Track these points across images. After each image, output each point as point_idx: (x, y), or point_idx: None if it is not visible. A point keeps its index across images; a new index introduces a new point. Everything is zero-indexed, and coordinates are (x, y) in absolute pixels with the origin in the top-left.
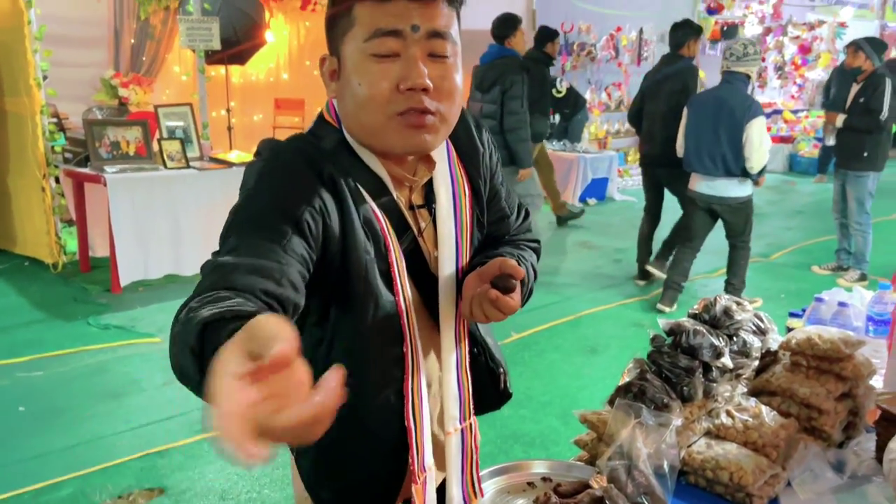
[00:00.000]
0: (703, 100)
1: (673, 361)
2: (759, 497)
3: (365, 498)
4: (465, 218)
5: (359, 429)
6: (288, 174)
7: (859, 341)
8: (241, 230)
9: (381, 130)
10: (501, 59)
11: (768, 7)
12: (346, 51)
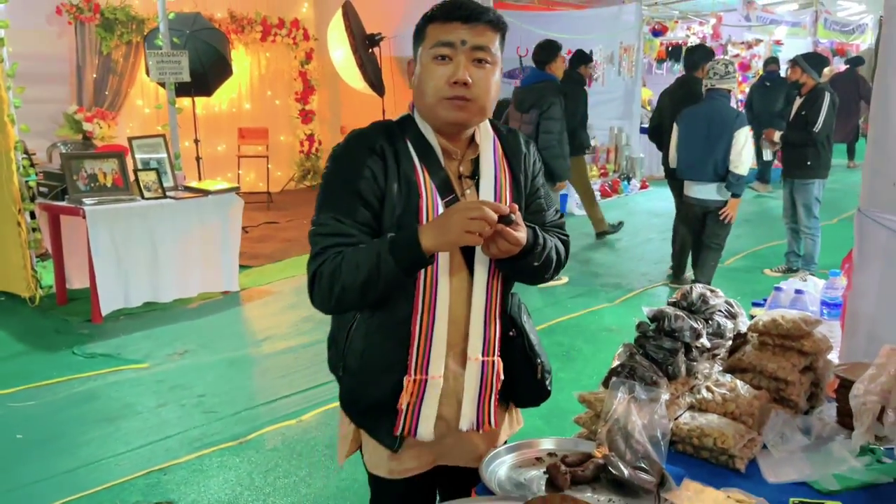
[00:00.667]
0: (693, 115)
1: (658, 344)
2: (741, 458)
3: (384, 409)
4: (505, 194)
5: (382, 336)
6: (347, 156)
7: (817, 320)
8: (328, 207)
9: (436, 107)
10: (540, 83)
11: (708, 28)
12: (420, 55)
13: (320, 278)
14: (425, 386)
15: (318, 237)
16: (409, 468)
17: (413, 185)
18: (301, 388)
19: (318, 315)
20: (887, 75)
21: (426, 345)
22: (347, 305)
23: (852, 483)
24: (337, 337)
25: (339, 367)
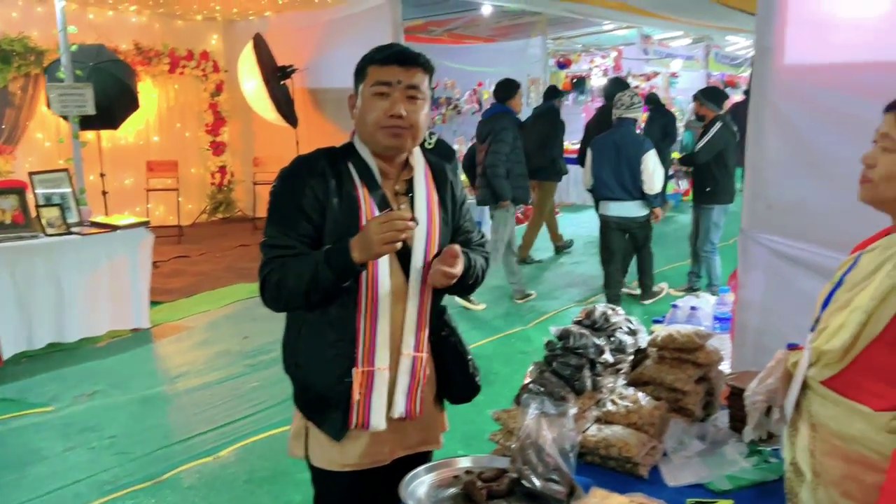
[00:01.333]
0: (603, 141)
1: (565, 361)
2: (643, 465)
3: (332, 400)
4: (434, 209)
5: (329, 329)
6: (293, 177)
7: (708, 334)
8: (275, 222)
9: (375, 134)
10: (498, 114)
11: (610, 61)
12: (361, 91)
13: (268, 285)
14: (373, 377)
15: (266, 248)
16: (355, 462)
17: (354, 201)
18: (218, 424)
19: (235, 349)
20: (759, 106)
21: (371, 339)
22: (294, 306)
23: (743, 482)
24: (289, 337)
25: (292, 364)
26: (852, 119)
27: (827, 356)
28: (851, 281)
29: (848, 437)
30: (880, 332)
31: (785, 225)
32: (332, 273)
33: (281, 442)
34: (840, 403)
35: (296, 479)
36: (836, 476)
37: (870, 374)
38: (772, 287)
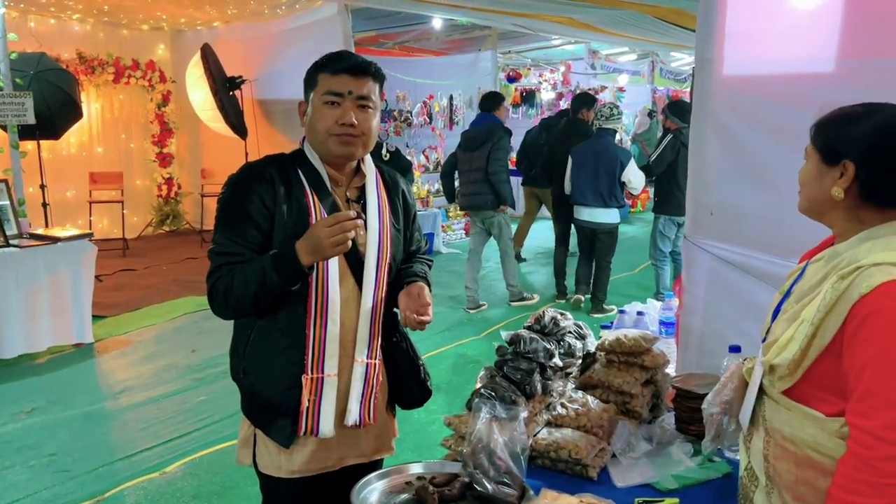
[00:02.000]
0: (584, 150)
1: (515, 365)
2: (593, 467)
3: (280, 407)
4: (386, 215)
5: (279, 336)
6: (241, 184)
7: (655, 337)
8: (223, 229)
9: (326, 142)
10: (488, 124)
11: (558, 75)
12: (312, 99)
13: (217, 292)
14: (322, 384)
15: (214, 255)
16: (303, 469)
17: (304, 207)
18: (164, 439)
19: (182, 362)
20: (701, 117)
21: (320, 345)
22: (243, 313)
23: (688, 481)
24: (237, 345)
25: (241, 370)
26: (788, 128)
27: (779, 369)
28: (799, 291)
29: (800, 441)
30: (828, 343)
31: (726, 231)
32: (279, 277)
33: (231, 455)
34: (793, 408)
35: (246, 493)
36: (789, 480)
37: (820, 385)
38: (714, 292)
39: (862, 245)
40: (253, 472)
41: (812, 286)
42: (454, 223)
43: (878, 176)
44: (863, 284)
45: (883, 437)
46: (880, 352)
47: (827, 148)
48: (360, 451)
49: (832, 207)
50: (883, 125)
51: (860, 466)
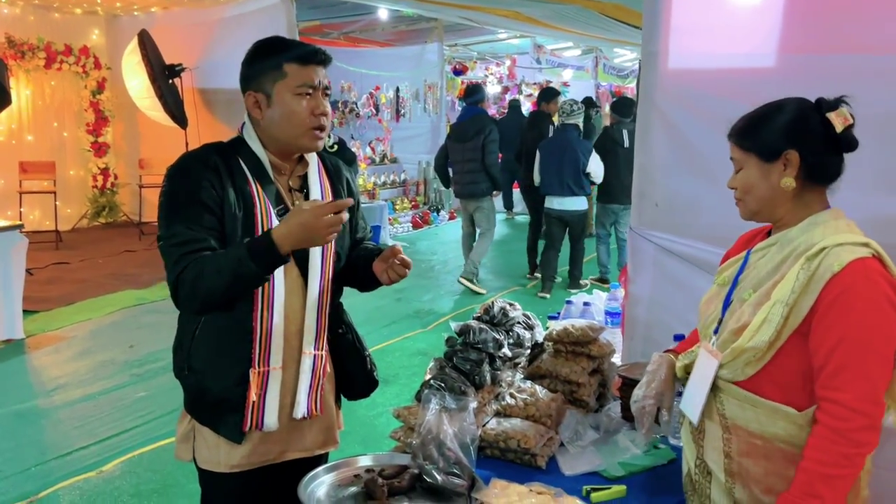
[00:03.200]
0: (551, 144)
1: (465, 356)
2: (541, 456)
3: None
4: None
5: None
6: (187, 172)
7: (601, 327)
8: (175, 219)
9: (301, 137)
10: (478, 115)
11: (504, 69)
12: (278, 90)
13: (183, 284)
14: (268, 378)
15: (173, 247)
16: (244, 462)
17: (248, 196)
18: (101, 437)
19: (120, 358)
20: (646, 111)
21: (267, 338)
22: (213, 306)
23: (634, 468)
24: (182, 341)
25: (185, 368)
26: (731, 122)
27: (749, 353)
28: (753, 279)
29: (771, 436)
30: (799, 323)
31: (671, 222)
32: (257, 267)
33: (171, 452)
34: (760, 405)
35: (187, 490)
36: (758, 474)
37: (787, 367)
38: (659, 282)
39: (814, 230)
40: (194, 469)
41: (769, 272)
42: (401, 216)
43: (816, 156)
44: (834, 263)
45: (858, 409)
46: (853, 327)
47: (763, 146)
48: (303, 444)
49: (784, 199)
50: (801, 109)
51: (837, 439)
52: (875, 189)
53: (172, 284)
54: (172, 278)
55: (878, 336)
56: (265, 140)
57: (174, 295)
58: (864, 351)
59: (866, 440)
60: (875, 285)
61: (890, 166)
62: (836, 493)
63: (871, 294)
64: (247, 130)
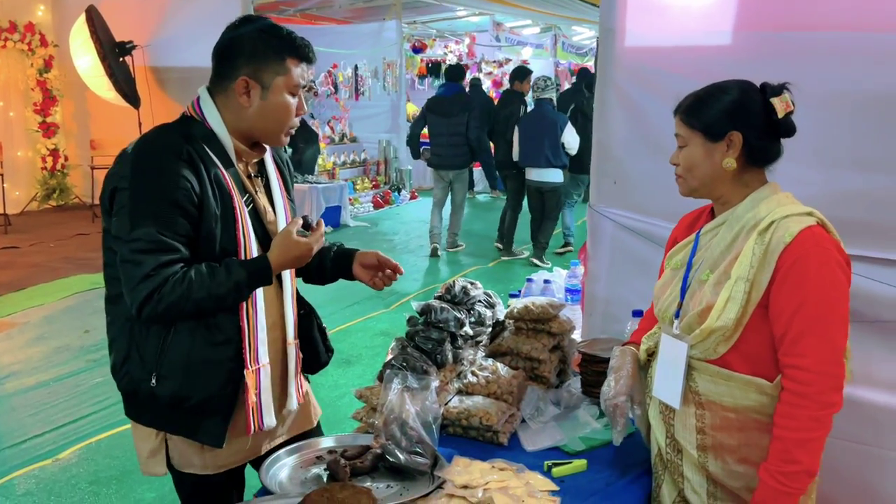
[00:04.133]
0: (529, 119)
1: (426, 335)
2: (503, 433)
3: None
4: (283, 191)
5: (209, 332)
6: (156, 165)
7: (561, 304)
8: (143, 220)
9: (278, 133)
10: (461, 93)
11: (464, 47)
12: (277, 84)
13: (160, 301)
14: (261, 375)
15: (142, 254)
16: (233, 461)
17: (224, 187)
18: (57, 424)
19: (75, 343)
20: (604, 89)
21: (254, 335)
22: (183, 319)
23: (595, 442)
24: (141, 349)
25: (151, 376)
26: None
27: (718, 332)
28: (709, 260)
29: (743, 409)
30: (761, 296)
31: (629, 199)
32: (251, 290)
33: (129, 439)
34: (733, 379)
35: (147, 476)
36: (732, 446)
37: (753, 339)
38: (617, 258)
39: (759, 205)
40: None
41: (723, 251)
42: (362, 196)
43: (757, 139)
44: (785, 235)
45: (823, 371)
46: (811, 293)
47: (708, 125)
48: (285, 431)
49: (724, 179)
50: (745, 92)
51: (805, 404)
52: (822, 165)
53: (141, 298)
54: (144, 291)
55: (834, 298)
56: (231, 125)
57: (140, 306)
58: (823, 314)
59: (833, 400)
60: (825, 251)
61: (840, 142)
62: (811, 455)
63: (822, 259)
64: (208, 109)
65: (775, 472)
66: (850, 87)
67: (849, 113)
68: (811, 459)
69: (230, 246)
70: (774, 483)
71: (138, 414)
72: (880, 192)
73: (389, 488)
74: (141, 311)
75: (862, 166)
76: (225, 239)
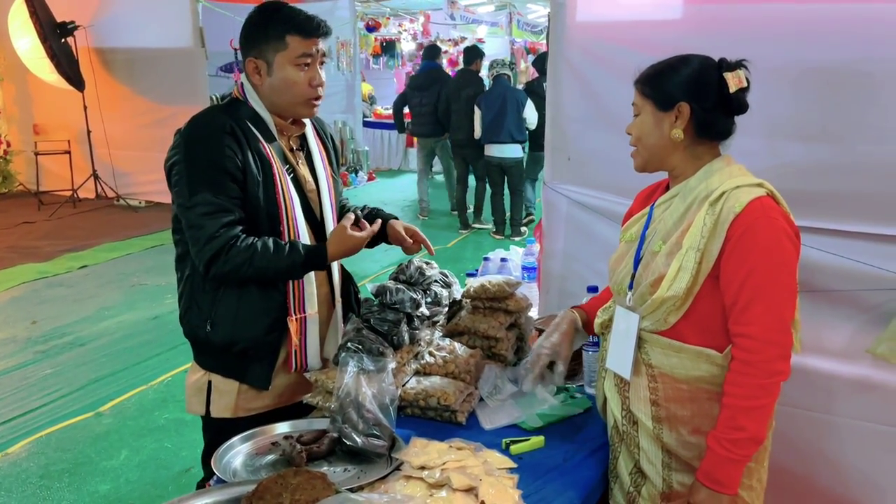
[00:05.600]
0: (489, 96)
1: (382, 317)
2: (461, 412)
3: (258, 350)
4: (326, 166)
5: (257, 286)
6: (204, 138)
7: (518, 282)
8: (199, 187)
9: (298, 106)
10: (435, 70)
11: (418, 25)
12: (279, 60)
13: (225, 262)
14: (306, 323)
15: (204, 217)
16: (262, 406)
17: (264, 157)
18: (5, 419)
19: (21, 335)
20: (557, 64)
21: (300, 287)
22: (243, 282)
23: (552, 418)
24: (195, 300)
25: (206, 324)
26: (637, 74)
27: (669, 302)
28: (662, 232)
29: (694, 380)
30: (712, 267)
31: (583, 176)
32: (304, 272)
33: (81, 431)
34: (684, 350)
35: (100, 468)
36: (685, 417)
37: (703, 310)
38: (572, 235)
39: (711, 177)
40: (108, 445)
41: (676, 222)
42: None
43: (707, 112)
44: (735, 205)
45: (769, 340)
46: (758, 262)
47: (660, 95)
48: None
49: (673, 150)
50: (702, 65)
51: (752, 372)
52: (774, 136)
53: (209, 256)
54: (211, 251)
55: (781, 268)
56: (266, 103)
57: (206, 265)
58: (771, 283)
59: (779, 369)
60: (773, 221)
61: (790, 113)
62: (757, 423)
63: (770, 229)
64: (248, 92)
65: (722, 439)
66: (797, 57)
67: (792, 85)
68: (757, 426)
69: (272, 209)
70: (721, 450)
71: (199, 357)
72: (825, 163)
73: (346, 472)
74: (209, 270)
75: (806, 138)
76: (267, 202)
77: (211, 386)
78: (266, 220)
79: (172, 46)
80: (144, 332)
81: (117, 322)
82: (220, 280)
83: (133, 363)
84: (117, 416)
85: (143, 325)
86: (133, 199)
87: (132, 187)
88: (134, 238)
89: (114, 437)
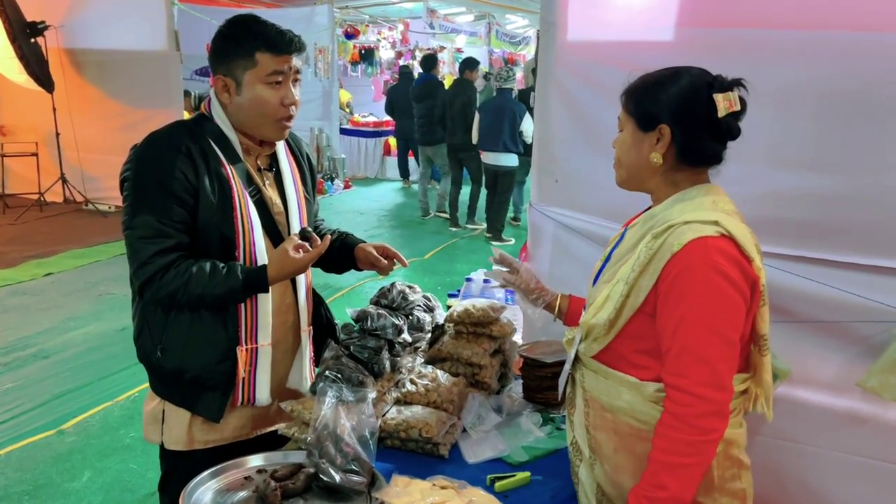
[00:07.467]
0: (490, 106)
1: (363, 344)
2: (444, 444)
3: (208, 380)
4: (298, 185)
5: (209, 312)
6: (155, 158)
7: (502, 306)
8: (143, 209)
9: (268, 125)
10: (430, 81)
11: (397, 33)
12: (248, 78)
13: (159, 288)
14: (257, 354)
15: (141, 241)
16: (219, 438)
17: (224, 179)
18: None
19: None
20: (546, 82)
21: (252, 317)
22: (183, 307)
23: (538, 452)
24: (149, 323)
25: (155, 350)
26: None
27: (595, 330)
28: (618, 255)
29: (617, 409)
30: (641, 303)
31: (570, 198)
32: (245, 296)
33: (43, 449)
34: (610, 376)
35: (62, 490)
36: (609, 450)
37: (634, 347)
38: (558, 258)
39: (674, 206)
40: (71, 466)
41: (629, 248)
42: None
43: (691, 136)
44: (675, 243)
45: (699, 395)
46: (691, 309)
47: (642, 113)
48: (276, 420)
49: (651, 174)
50: (692, 84)
51: (679, 426)
52: (764, 164)
53: (141, 282)
54: (143, 277)
55: (715, 317)
56: (233, 121)
57: (139, 290)
58: (704, 334)
59: (710, 426)
60: (714, 265)
61: (781, 141)
62: (680, 483)
63: (706, 274)
64: (214, 109)
65: (641, 496)
66: (789, 84)
67: (783, 111)
68: (680, 487)
69: (229, 233)
70: None
71: (153, 384)
72: (814, 192)
73: None
74: (143, 294)
75: (795, 166)
76: (223, 225)
77: (164, 415)
78: (219, 244)
79: (146, 49)
80: (111, 345)
81: (83, 333)
82: (157, 304)
83: (98, 377)
84: (81, 434)
85: (110, 337)
86: (102, 204)
87: (101, 192)
88: (102, 245)
89: (77, 456)
